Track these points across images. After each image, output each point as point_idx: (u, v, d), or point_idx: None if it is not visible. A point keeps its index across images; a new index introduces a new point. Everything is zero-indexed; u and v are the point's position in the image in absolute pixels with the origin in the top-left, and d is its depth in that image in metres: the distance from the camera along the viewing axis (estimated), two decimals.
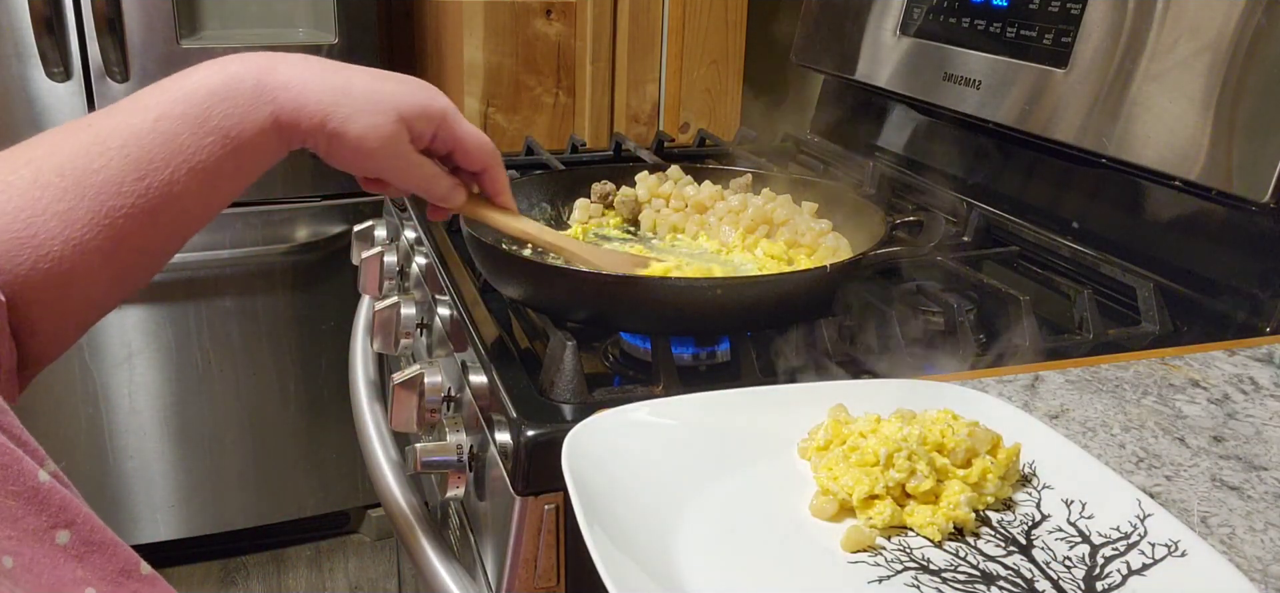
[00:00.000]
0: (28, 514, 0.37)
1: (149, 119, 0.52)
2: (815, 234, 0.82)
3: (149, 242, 0.53)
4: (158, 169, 0.51)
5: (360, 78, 0.58)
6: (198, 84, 0.53)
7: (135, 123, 0.52)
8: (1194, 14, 0.80)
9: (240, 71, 0.54)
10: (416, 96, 0.60)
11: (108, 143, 0.51)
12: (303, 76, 0.56)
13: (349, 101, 0.56)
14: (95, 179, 0.50)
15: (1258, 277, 0.76)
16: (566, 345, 0.63)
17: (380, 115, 0.58)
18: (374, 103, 0.57)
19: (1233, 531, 0.50)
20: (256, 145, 0.55)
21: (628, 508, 0.48)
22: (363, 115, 0.57)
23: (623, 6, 1.69)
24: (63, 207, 0.49)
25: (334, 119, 0.56)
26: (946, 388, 0.59)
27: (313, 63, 0.57)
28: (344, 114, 0.56)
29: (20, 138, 0.53)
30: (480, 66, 1.66)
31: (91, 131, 0.51)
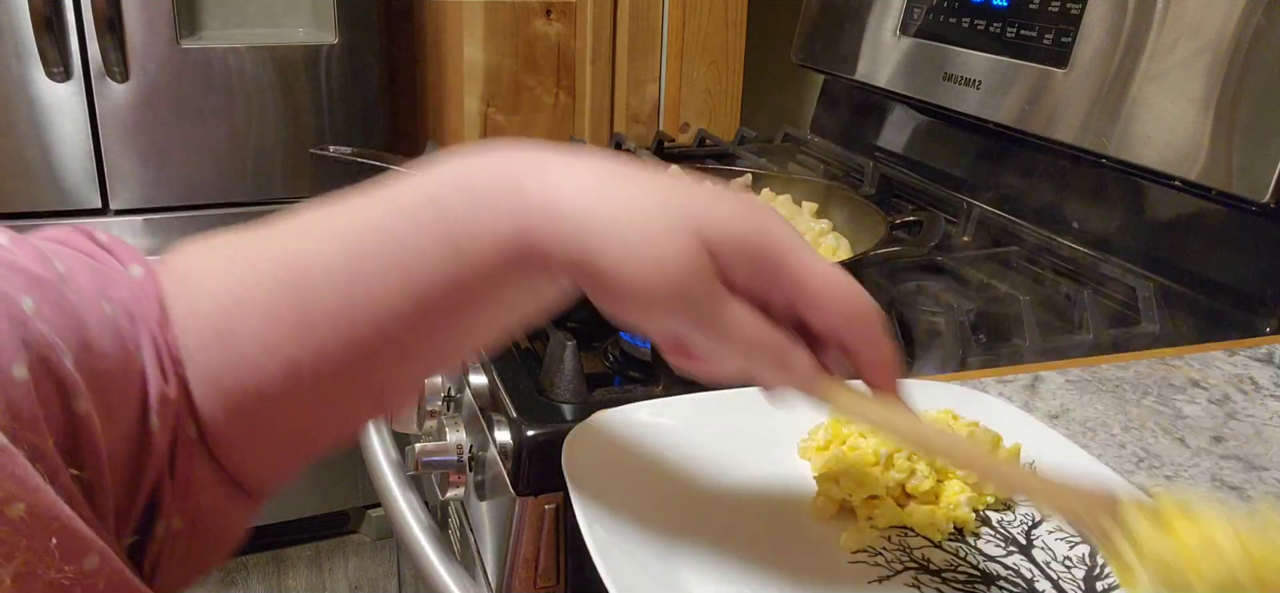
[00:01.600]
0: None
1: (376, 212, 0.40)
2: (815, 234, 0.82)
3: (362, 383, 0.41)
4: (371, 276, 0.39)
5: (650, 189, 0.39)
6: (440, 172, 0.40)
7: (361, 214, 0.40)
8: (1194, 14, 0.80)
9: (492, 160, 0.40)
10: (733, 216, 0.39)
11: (326, 234, 0.40)
12: (571, 180, 0.39)
13: (624, 219, 0.38)
14: (305, 282, 0.39)
15: (1258, 277, 0.76)
16: (566, 345, 0.63)
17: (668, 240, 0.38)
18: (662, 222, 0.38)
19: None
20: (491, 268, 0.39)
21: (628, 508, 0.48)
22: (641, 242, 0.38)
23: (623, 6, 1.69)
24: (268, 302, 0.40)
25: (600, 245, 0.38)
26: (946, 388, 0.59)
27: (598, 167, 0.39)
28: (615, 238, 0.38)
29: (20, 137, 0.51)
30: (480, 66, 1.66)
31: (314, 230, 0.41)
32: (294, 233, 0.41)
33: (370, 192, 0.41)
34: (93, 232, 0.42)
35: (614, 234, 0.38)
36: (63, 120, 1.51)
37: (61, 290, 0.36)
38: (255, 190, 1.64)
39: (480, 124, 1.70)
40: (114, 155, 1.55)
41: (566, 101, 1.73)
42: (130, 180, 1.57)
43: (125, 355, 0.38)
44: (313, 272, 0.39)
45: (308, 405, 0.41)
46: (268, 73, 1.60)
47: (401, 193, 0.40)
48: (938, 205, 1.02)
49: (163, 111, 1.55)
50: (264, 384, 0.39)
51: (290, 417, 0.41)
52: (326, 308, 0.39)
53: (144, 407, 0.38)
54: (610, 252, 0.38)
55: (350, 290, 0.39)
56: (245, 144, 1.61)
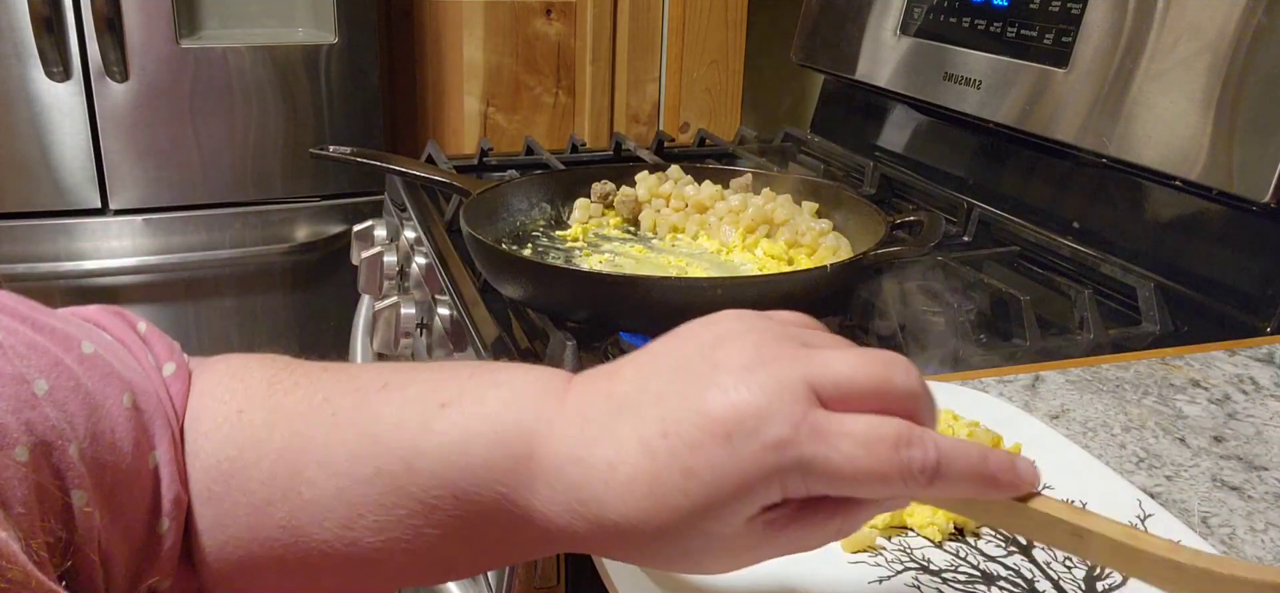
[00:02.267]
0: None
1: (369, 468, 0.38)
2: (815, 234, 0.82)
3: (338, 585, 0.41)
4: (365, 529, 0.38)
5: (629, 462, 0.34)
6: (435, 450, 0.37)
7: (359, 457, 0.39)
8: (1194, 14, 0.80)
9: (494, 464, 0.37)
10: (722, 481, 0.33)
11: (327, 459, 0.39)
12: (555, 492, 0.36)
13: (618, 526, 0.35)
14: (300, 488, 0.39)
15: (1258, 277, 0.76)
16: (566, 345, 0.63)
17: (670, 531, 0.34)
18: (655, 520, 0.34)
19: (1233, 531, 0.50)
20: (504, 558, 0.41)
21: None
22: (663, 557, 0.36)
23: (623, 6, 1.69)
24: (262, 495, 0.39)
25: (621, 556, 0.38)
26: (946, 388, 0.59)
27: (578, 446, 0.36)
28: (631, 555, 0.37)
29: (20, 137, 0.51)
30: (480, 66, 1.66)
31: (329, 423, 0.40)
32: (304, 435, 0.39)
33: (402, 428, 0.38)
34: (135, 320, 0.42)
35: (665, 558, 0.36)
36: (62, 120, 1.51)
37: (80, 376, 0.36)
38: (255, 190, 1.64)
39: (480, 124, 1.70)
40: (114, 155, 1.55)
41: (566, 101, 1.73)
42: (130, 180, 1.57)
43: (138, 453, 0.37)
44: (306, 491, 0.38)
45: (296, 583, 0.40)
46: (268, 73, 1.60)
47: (422, 461, 0.37)
48: (938, 205, 1.02)
49: (162, 111, 1.55)
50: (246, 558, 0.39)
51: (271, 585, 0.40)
52: (313, 535, 0.38)
53: (154, 508, 0.38)
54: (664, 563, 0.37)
55: (339, 533, 0.38)
56: (245, 144, 1.61)
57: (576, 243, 0.87)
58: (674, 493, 0.33)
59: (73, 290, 1.57)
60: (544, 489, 0.36)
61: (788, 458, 0.33)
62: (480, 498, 0.37)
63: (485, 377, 0.39)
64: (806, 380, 0.34)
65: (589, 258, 0.84)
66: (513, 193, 0.89)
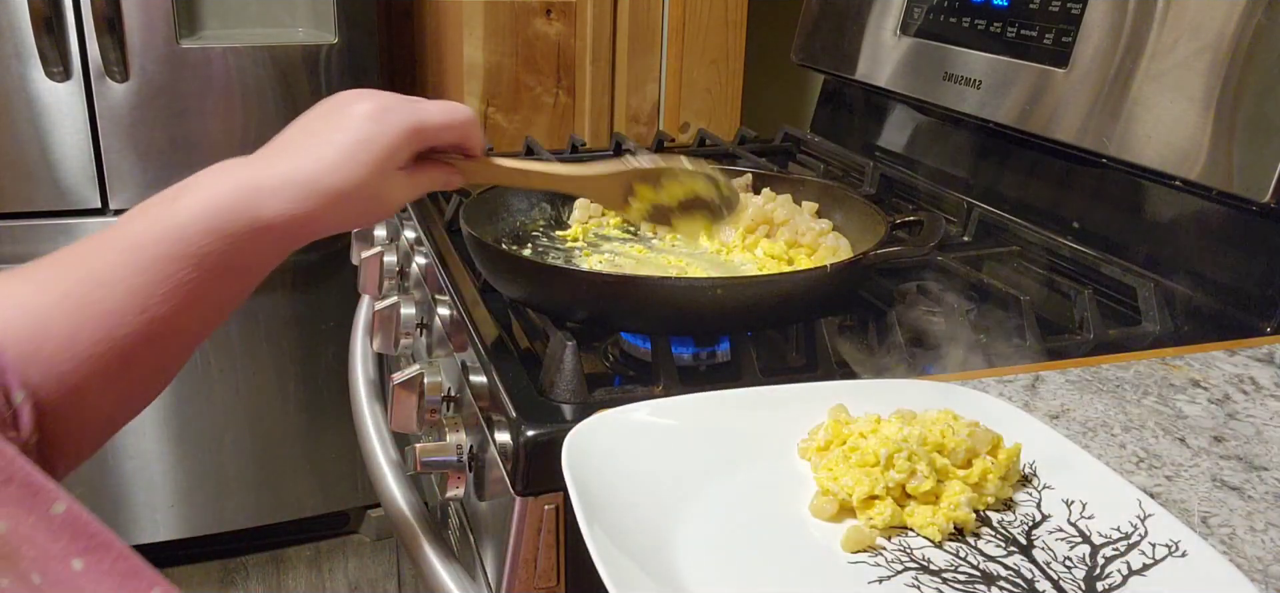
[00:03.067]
0: (47, 541, 0.39)
1: (144, 258, 0.53)
2: (815, 234, 0.82)
3: (158, 361, 0.55)
4: (156, 303, 0.53)
5: (327, 151, 0.57)
6: (185, 220, 0.54)
7: (130, 259, 0.53)
8: (1194, 14, 0.80)
9: (228, 202, 0.54)
10: (383, 137, 0.58)
11: (105, 276, 0.52)
12: (285, 189, 0.56)
13: (333, 191, 0.57)
14: (97, 308, 0.51)
15: (1258, 277, 0.76)
16: (566, 345, 0.63)
17: (373, 201, 0.59)
18: (355, 177, 0.57)
19: (1233, 531, 0.50)
20: (256, 265, 0.57)
21: (628, 508, 0.48)
22: (352, 198, 0.58)
23: (623, 6, 1.69)
24: (68, 329, 0.51)
25: (326, 217, 0.57)
26: (946, 388, 0.59)
27: (288, 158, 0.57)
28: (334, 208, 0.57)
29: (20, 137, 0.54)
30: (480, 66, 1.66)
31: (88, 265, 0.53)
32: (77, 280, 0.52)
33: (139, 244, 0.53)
34: None
35: (338, 216, 0.58)
36: (62, 120, 1.51)
37: None
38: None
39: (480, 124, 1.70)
40: (114, 155, 1.55)
41: (566, 101, 1.73)
42: (130, 180, 1.57)
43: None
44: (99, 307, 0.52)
45: (111, 391, 0.52)
46: (268, 73, 1.60)
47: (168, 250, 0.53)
48: (938, 205, 1.02)
49: (162, 111, 1.55)
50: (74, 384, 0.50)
51: (98, 402, 0.52)
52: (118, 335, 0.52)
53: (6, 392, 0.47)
54: (339, 222, 0.58)
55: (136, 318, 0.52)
56: (245, 144, 1.61)
57: (576, 243, 0.87)
58: (361, 155, 0.57)
59: None
60: (275, 199, 0.55)
61: (409, 122, 0.59)
62: (234, 228, 0.54)
63: (192, 177, 0.56)
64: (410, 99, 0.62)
65: (589, 258, 0.84)
66: (513, 193, 0.89)
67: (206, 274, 0.54)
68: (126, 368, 0.53)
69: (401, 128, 0.59)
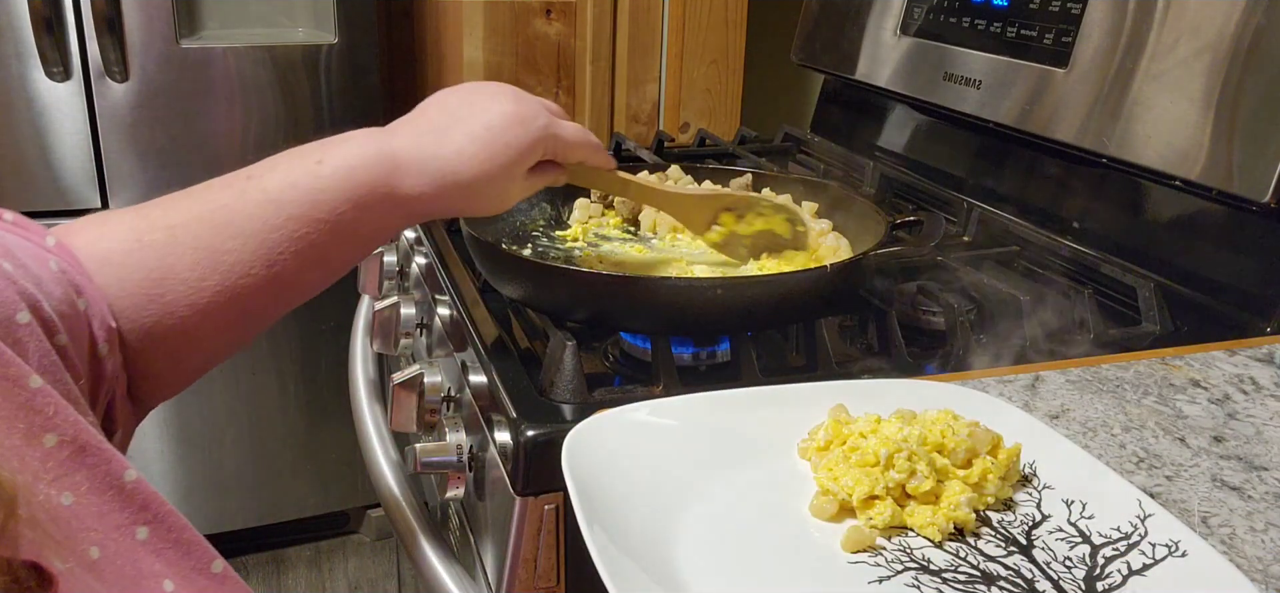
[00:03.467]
0: (114, 510, 0.40)
1: (281, 216, 0.54)
2: (815, 234, 0.82)
3: (269, 311, 0.57)
4: (286, 259, 0.54)
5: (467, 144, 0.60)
6: (327, 183, 0.55)
7: (268, 215, 0.54)
8: (1194, 14, 0.80)
9: (367, 172, 0.57)
10: (520, 143, 0.62)
11: (240, 227, 0.53)
12: (425, 171, 0.58)
13: (467, 182, 0.60)
14: (226, 260, 0.53)
15: (1258, 277, 0.76)
16: (566, 345, 0.63)
17: (504, 188, 0.63)
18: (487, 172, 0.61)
19: (1233, 531, 0.50)
20: (381, 233, 0.60)
21: (628, 508, 0.48)
22: (478, 190, 0.61)
23: (623, 6, 1.69)
24: (194, 277, 0.52)
25: (452, 202, 0.61)
26: (946, 388, 0.59)
27: (430, 140, 0.59)
28: (463, 195, 0.61)
29: (20, 137, 0.54)
30: (480, 66, 1.66)
31: (226, 213, 0.53)
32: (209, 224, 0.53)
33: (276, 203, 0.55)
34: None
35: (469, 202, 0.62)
36: (62, 120, 1.51)
37: (18, 255, 0.45)
38: None
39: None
40: (114, 155, 1.55)
41: (566, 101, 1.73)
42: (130, 180, 1.57)
43: (72, 302, 0.46)
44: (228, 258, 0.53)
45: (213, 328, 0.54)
46: (268, 73, 1.60)
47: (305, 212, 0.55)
48: (938, 205, 1.02)
49: (162, 111, 1.55)
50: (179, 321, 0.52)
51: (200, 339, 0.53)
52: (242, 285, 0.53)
53: (93, 343, 0.48)
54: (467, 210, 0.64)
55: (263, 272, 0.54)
56: (245, 144, 1.61)
57: (576, 243, 0.87)
58: (498, 154, 0.61)
59: None
60: (412, 177, 0.58)
61: (549, 132, 0.64)
62: (371, 198, 0.57)
63: (332, 140, 0.58)
64: (544, 105, 0.66)
65: (589, 258, 0.84)
66: None
67: (335, 237, 0.56)
68: (241, 315, 0.54)
69: (536, 138, 0.63)
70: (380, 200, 0.57)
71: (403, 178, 0.58)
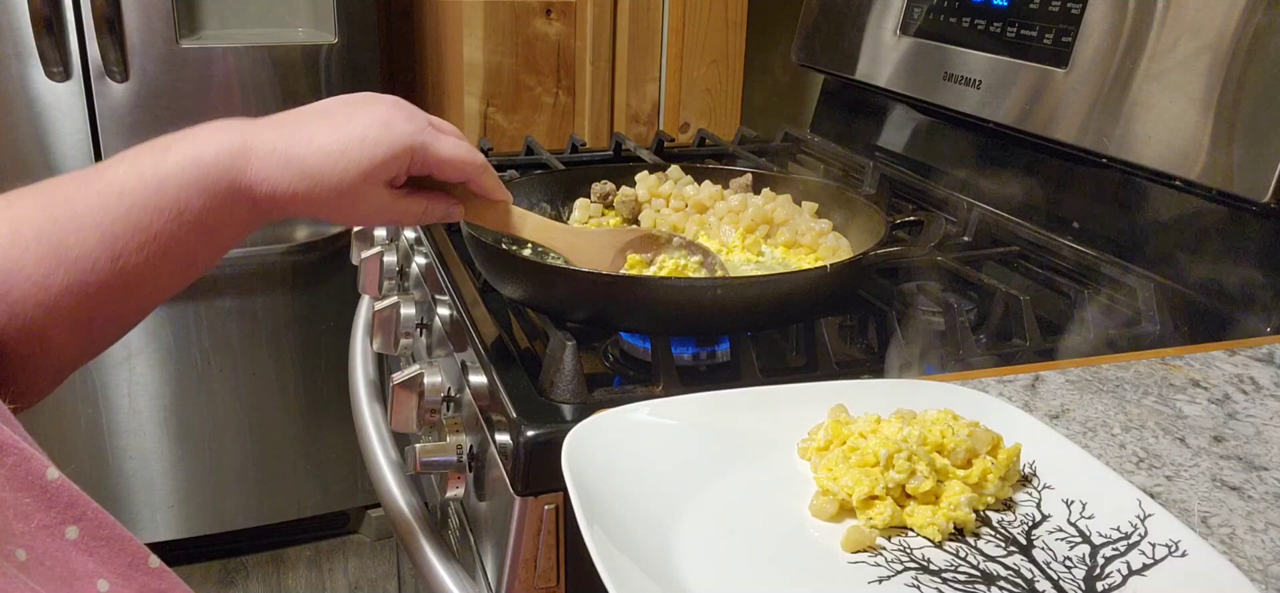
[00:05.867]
0: (38, 510, 0.38)
1: (123, 205, 0.52)
2: (815, 234, 0.82)
3: (122, 311, 0.55)
4: (131, 252, 0.52)
5: (323, 137, 0.57)
6: (171, 171, 0.53)
7: (110, 205, 0.52)
8: (1194, 14, 0.80)
9: (214, 160, 0.54)
10: (380, 145, 0.58)
11: (83, 219, 0.51)
12: (272, 159, 0.56)
13: (317, 176, 0.56)
14: (70, 253, 0.51)
15: (1258, 277, 0.76)
16: (566, 345, 0.63)
17: (354, 193, 0.58)
18: (347, 184, 0.57)
19: (1233, 531, 0.50)
20: (232, 227, 0.57)
21: (628, 508, 0.48)
22: (333, 191, 0.57)
23: (623, 6, 1.69)
24: (39, 273, 0.50)
25: (305, 200, 0.57)
26: (946, 388, 0.59)
27: (285, 131, 0.57)
28: (314, 193, 0.57)
29: (20, 137, 0.54)
30: (480, 66, 1.66)
31: (69, 206, 0.52)
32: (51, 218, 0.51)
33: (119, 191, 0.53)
34: None
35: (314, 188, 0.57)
36: (62, 120, 1.51)
37: None
38: None
39: (480, 124, 1.70)
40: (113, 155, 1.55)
41: (566, 101, 1.73)
42: None
43: None
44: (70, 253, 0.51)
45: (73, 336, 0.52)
46: (268, 73, 1.60)
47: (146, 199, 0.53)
48: (938, 205, 1.02)
49: (162, 111, 1.55)
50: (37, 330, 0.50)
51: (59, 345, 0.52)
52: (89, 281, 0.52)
53: None
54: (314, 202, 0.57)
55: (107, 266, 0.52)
56: None
57: None
58: (353, 152, 0.57)
59: None
60: (258, 166, 0.55)
61: (417, 141, 0.60)
62: (217, 188, 0.54)
63: (190, 130, 0.56)
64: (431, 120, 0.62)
65: None
66: (513, 193, 0.89)
67: (183, 228, 0.54)
68: (92, 315, 0.53)
69: (401, 144, 0.59)
70: (227, 192, 0.55)
71: (254, 170, 0.55)
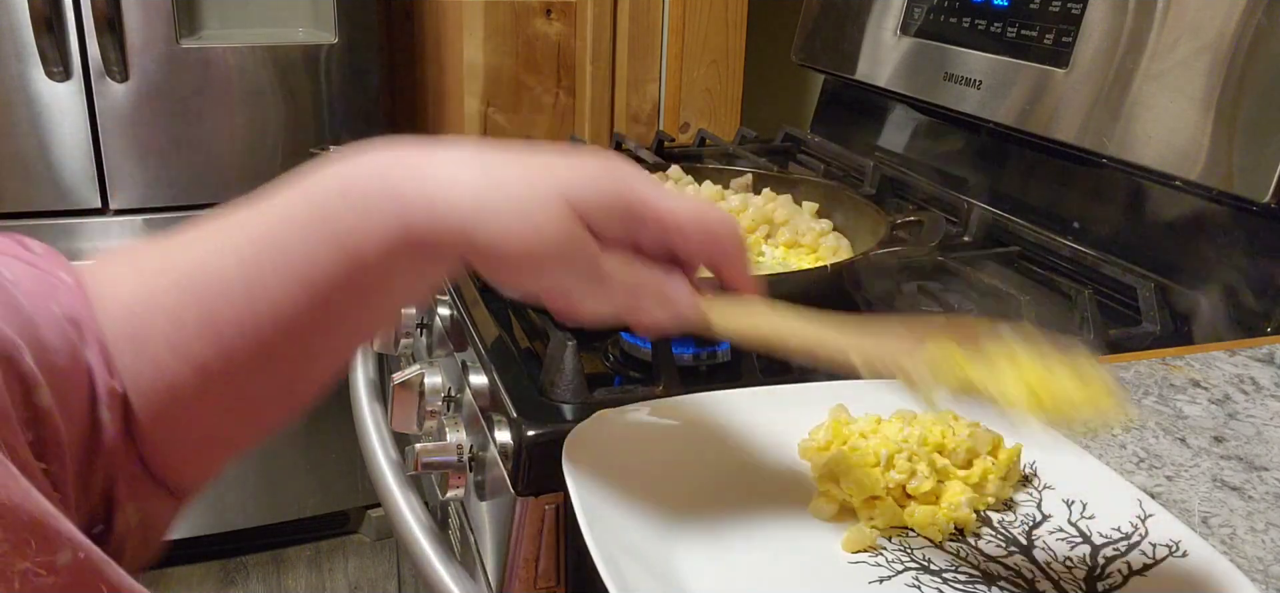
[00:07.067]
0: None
1: (266, 222, 0.43)
2: (815, 234, 0.82)
3: (270, 380, 0.45)
4: (267, 282, 0.42)
5: (517, 168, 0.42)
6: (322, 178, 0.43)
7: (252, 225, 0.43)
8: (1194, 14, 0.80)
9: (369, 164, 0.43)
10: (589, 177, 0.43)
11: (222, 245, 0.43)
12: (444, 173, 0.42)
13: (499, 199, 0.42)
14: (206, 290, 0.42)
15: (1258, 277, 0.76)
16: (566, 345, 0.63)
17: (540, 210, 0.42)
18: (531, 195, 0.42)
19: (1233, 531, 0.50)
20: (381, 263, 0.42)
21: (628, 508, 0.48)
22: (515, 216, 0.41)
23: (623, 6, 1.69)
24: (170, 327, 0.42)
25: (478, 226, 0.42)
26: None
27: (468, 157, 0.43)
28: (491, 218, 0.41)
29: (20, 137, 0.53)
30: (480, 66, 1.66)
31: (210, 240, 0.44)
32: (192, 243, 0.44)
33: (260, 201, 0.44)
34: (26, 240, 0.45)
35: (489, 212, 0.41)
36: (62, 120, 1.51)
37: (13, 294, 0.39)
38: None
39: (480, 124, 1.70)
40: (114, 155, 1.55)
41: (566, 101, 1.73)
42: (130, 180, 1.57)
43: (73, 353, 0.40)
44: (212, 280, 0.42)
45: (220, 404, 0.44)
46: (268, 73, 1.60)
47: (290, 203, 0.43)
48: (938, 205, 1.02)
49: (162, 111, 1.55)
50: (177, 385, 0.42)
51: (205, 416, 0.44)
52: (228, 314, 0.42)
53: (93, 401, 0.40)
54: (488, 228, 0.41)
55: (249, 297, 0.42)
56: (245, 144, 1.61)
57: None
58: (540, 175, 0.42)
59: None
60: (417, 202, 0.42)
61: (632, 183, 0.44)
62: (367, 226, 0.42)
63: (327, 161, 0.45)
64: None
65: None
66: None
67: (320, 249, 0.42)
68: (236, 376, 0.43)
69: (623, 184, 0.44)
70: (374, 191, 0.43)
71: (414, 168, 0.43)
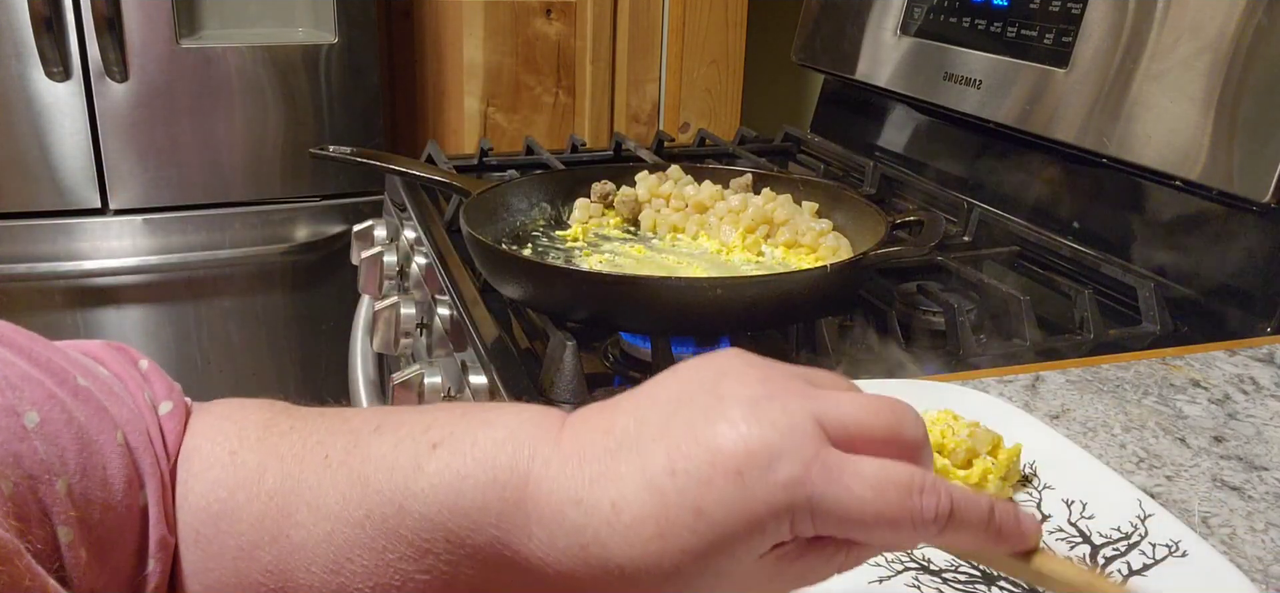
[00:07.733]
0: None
1: (360, 511, 0.37)
2: (815, 234, 0.82)
3: None
4: (350, 572, 0.37)
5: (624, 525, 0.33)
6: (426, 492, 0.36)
7: (361, 511, 0.37)
8: (1194, 14, 0.80)
9: (485, 507, 0.35)
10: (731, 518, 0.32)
11: (318, 520, 0.37)
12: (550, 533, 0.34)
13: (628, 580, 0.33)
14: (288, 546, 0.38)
15: (1258, 277, 0.76)
16: (566, 345, 0.63)
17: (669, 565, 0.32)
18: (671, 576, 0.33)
19: (1233, 531, 0.50)
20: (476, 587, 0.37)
21: None
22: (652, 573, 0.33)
23: (623, 6, 1.69)
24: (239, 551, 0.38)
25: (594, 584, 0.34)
26: (946, 388, 0.59)
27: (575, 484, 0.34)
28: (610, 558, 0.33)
29: (20, 137, 0.51)
30: (480, 66, 1.66)
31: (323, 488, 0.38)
32: (295, 477, 0.38)
33: (394, 470, 0.37)
34: (137, 357, 0.42)
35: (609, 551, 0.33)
36: (62, 120, 1.51)
37: (73, 410, 0.36)
38: (255, 191, 1.64)
39: (480, 123, 1.70)
40: (113, 155, 1.55)
41: (566, 101, 1.73)
42: (129, 180, 1.57)
43: (129, 490, 0.37)
44: (295, 534, 0.37)
45: None
46: (268, 73, 1.60)
47: (413, 503, 0.36)
48: (938, 205, 1.02)
49: (162, 111, 1.55)
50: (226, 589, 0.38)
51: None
52: (300, 580, 0.37)
53: (141, 549, 0.37)
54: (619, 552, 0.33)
55: (326, 579, 0.37)
56: (245, 144, 1.61)
57: (576, 243, 0.87)
58: (683, 533, 0.32)
59: (73, 290, 1.57)
60: (541, 533, 0.34)
61: (800, 496, 0.32)
62: (474, 541, 0.35)
63: (477, 417, 0.38)
64: (816, 418, 0.33)
65: (589, 258, 0.84)
66: (513, 193, 0.89)
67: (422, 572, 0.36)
68: None
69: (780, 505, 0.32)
70: (488, 548, 0.35)
71: (531, 525, 0.34)
